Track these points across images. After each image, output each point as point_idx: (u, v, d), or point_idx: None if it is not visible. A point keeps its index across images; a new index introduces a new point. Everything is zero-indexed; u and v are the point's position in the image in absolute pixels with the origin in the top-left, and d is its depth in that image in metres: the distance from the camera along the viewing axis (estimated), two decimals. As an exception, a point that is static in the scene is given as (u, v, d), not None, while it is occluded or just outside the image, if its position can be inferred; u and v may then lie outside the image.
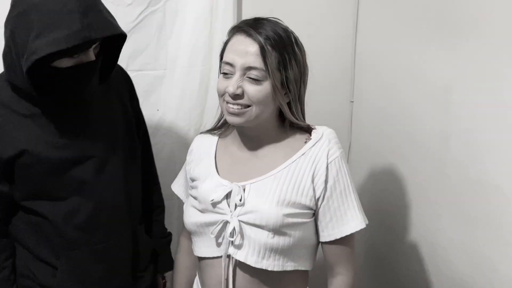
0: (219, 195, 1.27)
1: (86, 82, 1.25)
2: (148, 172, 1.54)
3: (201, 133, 1.45)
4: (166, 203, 1.81)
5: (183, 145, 1.79)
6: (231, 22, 1.74)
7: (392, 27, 1.77)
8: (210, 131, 1.42)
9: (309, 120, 1.37)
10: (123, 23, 1.70)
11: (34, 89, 1.18)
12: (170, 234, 1.60)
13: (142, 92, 1.79)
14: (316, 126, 1.32)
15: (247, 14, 1.36)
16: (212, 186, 1.29)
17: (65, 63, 1.17)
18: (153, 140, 1.82)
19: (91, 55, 1.20)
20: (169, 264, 1.57)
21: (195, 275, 1.43)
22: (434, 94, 1.55)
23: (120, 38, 1.25)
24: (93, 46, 1.19)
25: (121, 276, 1.40)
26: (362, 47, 1.97)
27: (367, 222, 1.30)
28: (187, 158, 1.43)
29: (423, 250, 1.66)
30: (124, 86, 1.43)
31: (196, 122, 1.84)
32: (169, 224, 1.83)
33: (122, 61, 1.74)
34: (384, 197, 1.85)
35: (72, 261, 1.31)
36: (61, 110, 1.27)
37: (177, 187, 1.49)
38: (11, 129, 1.24)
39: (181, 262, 1.48)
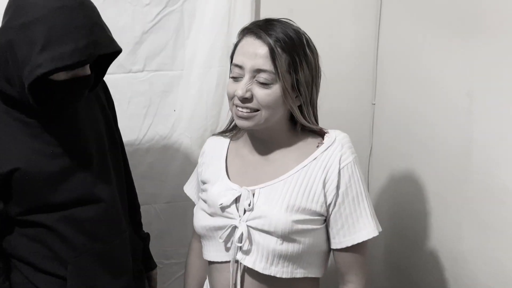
0: (228, 199, 1.25)
1: (80, 95, 1.25)
2: (126, 172, 1.53)
3: (213, 135, 1.44)
4: (181, 204, 1.82)
5: (199, 146, 1.78)
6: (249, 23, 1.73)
7: (415, 29, 1.73)
8: (222, 133, 1.40)
9: (329, 122, 1.33)
10: (141, 24, 1.72)
11: (34, 101, 1.16)
12: (149, 234, 1.62)
13: (159, 92, 1.80)
14: (329, 130, 1.29)
15: (266, 14, 1.34)
16: (221, 189, 1.28)
17: (61, 76, 1.16)
18: (169, 141, 1.83)
19: (87, 69, 1.20)
20: (154, 263, 1.64)
21: (205, 278, 1.42)
22: (457, 98, 1.51)
23: (115, 52, 1.24)
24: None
25: (125, 278, 1.40)
26: (384, 48, 1.93)
27: (380, 229, 1.27)
28: (199, 160, 1.42)
29: (443, 258, 1.62)
30: (99, 87, 1.42)
31: (213, 123, 1.83)
32: (184, 225, 1.82)
33: (139, 62, 1.75)
34: (405, 202, 1.81)
35: (80, 267, 1.30)
36: (53, 119, 1.26)
37: (189, 188, 1.48)
38: (3, 145, 1.22)
39: (192, 264, 1.47)
